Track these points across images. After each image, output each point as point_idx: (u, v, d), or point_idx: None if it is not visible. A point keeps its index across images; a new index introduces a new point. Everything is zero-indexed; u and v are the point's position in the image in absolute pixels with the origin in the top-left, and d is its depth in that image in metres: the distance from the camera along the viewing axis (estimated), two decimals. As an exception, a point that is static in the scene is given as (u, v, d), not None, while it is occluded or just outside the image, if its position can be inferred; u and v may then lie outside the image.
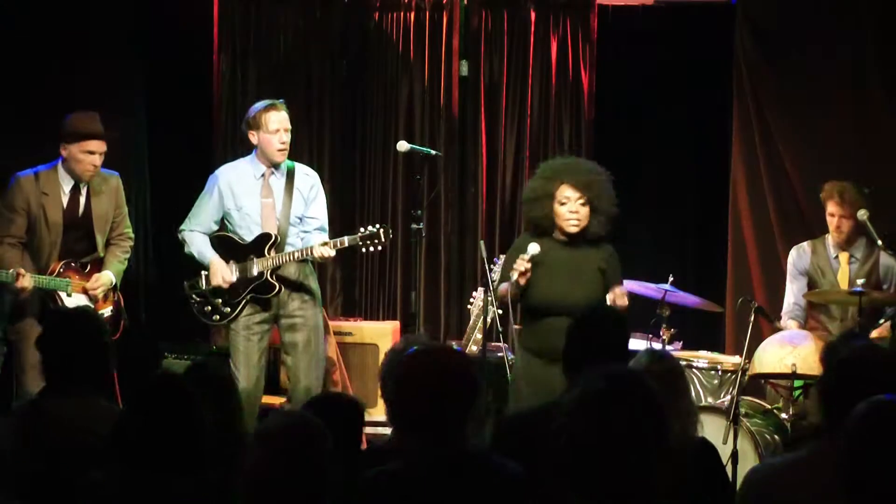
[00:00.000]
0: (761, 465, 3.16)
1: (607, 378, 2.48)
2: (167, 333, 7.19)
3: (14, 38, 6.98)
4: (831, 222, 6.33)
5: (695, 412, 3.95)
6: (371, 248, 5.95)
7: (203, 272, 6.04)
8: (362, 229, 5.96)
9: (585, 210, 5.40)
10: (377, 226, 5.94)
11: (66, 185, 6.05)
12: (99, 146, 6.01)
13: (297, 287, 6.03)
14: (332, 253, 5.88)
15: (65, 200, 6.04)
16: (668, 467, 2.50)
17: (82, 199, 6.08)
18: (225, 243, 6.07)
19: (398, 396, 3.13)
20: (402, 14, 7.74)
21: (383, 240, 5.93)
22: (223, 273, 5.98)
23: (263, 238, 5.99)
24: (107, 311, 6.13)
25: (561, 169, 5.52)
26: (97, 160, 6.01)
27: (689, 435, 3.76)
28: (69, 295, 5.98)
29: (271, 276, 5.95)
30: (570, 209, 5.39)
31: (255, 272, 5.96)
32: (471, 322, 6.11)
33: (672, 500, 2.61)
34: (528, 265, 5.27)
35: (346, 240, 5.92)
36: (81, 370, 3.82)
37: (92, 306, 5.99)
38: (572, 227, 5.40)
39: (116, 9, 7.29)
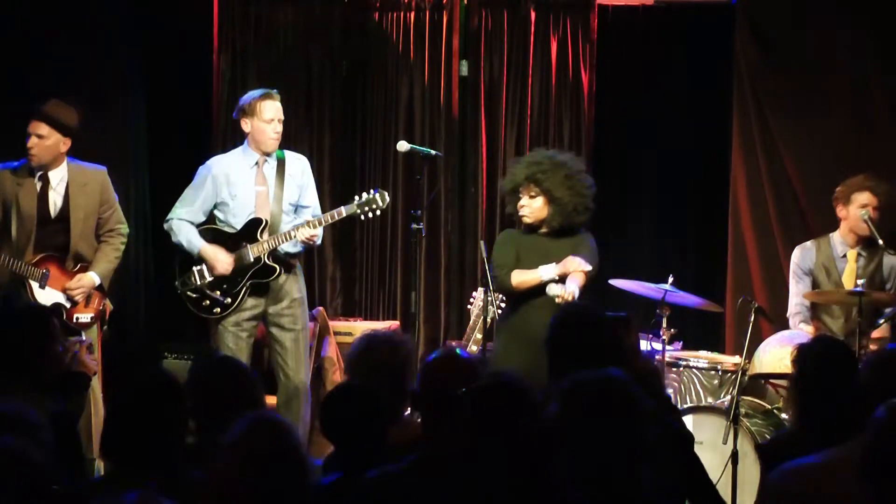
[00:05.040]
0: (787, 469, 3.15)
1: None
2: (167, 333, 7.18)
3: (11, 39, 6.97)
4: (858, 214, 6.16)
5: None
6: (370, 215, 5.98)
7: (194, 267, 5.97)
8: (357, 197, 5.97)
9: (538, 202, 5.64)
10: (372, 191, 5.97)
11: (36, 173, 5.94)
12: (33, 126, 5.88)
13: (288, 284, 6.00)
14: (317, 232, 5.89)
15: (38, 188, 5.91)
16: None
17: (55, 194, 5.94)
18: (214, 235, 6.01)
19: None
20: (402, 14, 7.73)
21: (381, 204, 5.95)
22: (223, 260, 5.90)
23: (253, 223, 5.94)
24: (86, 317, 5.98)
25: (521, 164, 5.78)
26: (32, 141, 5.85)
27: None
28: (42, 287, 5.87)
29: (269, 259, 5.91)
30: (521, 204, 5.67)
31: (251, 258, 5.91)
32: (471, 322, 6.12)
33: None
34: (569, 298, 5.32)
35: (343, 210, 5.94)
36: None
37: (67, 306, 5.91)
38: (525, 220, 5.69)
39: (116, 8, 7.29)
